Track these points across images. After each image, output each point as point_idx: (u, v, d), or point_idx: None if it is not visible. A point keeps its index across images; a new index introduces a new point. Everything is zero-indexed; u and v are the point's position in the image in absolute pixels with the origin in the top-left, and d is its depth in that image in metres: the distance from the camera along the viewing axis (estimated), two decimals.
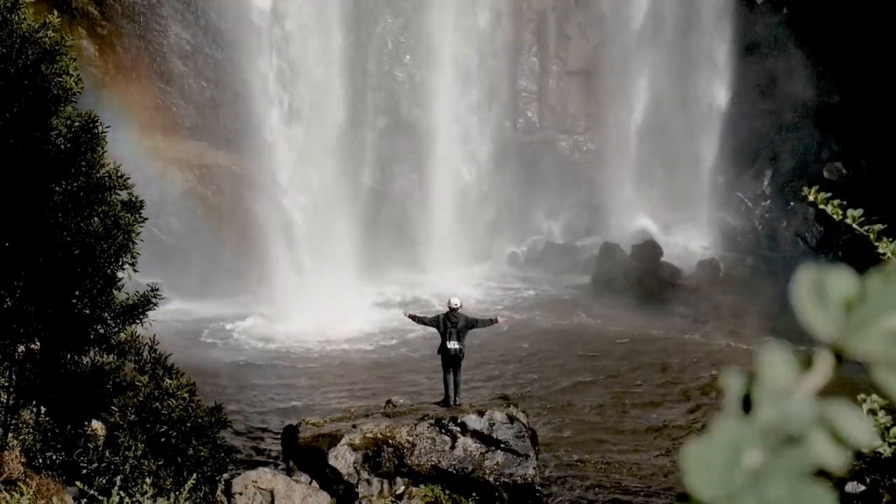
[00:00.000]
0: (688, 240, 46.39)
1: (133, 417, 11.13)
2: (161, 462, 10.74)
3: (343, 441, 17.57)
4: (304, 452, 17.80)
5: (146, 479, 9.81)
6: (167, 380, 11.38)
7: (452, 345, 18.55)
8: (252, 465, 19.31)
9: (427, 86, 45.16)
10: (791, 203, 44.62)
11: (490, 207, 47.10)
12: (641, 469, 21.76)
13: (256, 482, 15.95)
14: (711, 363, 30.63)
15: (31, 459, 11.18)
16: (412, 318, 19.62)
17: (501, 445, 17.91)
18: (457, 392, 19.02)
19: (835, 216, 3.64)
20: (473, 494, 17.39)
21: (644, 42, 48.13)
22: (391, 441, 17.65)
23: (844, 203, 3.68)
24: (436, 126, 44.98)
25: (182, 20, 40.37)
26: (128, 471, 10.28)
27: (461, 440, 17.80)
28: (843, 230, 40.63)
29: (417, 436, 17.75)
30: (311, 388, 28.26)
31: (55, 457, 11.41)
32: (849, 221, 3.60)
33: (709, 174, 47.71)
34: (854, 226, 3.61)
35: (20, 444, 11.29)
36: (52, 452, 11.42)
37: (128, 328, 11.81)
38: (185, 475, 10.09)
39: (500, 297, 40.78)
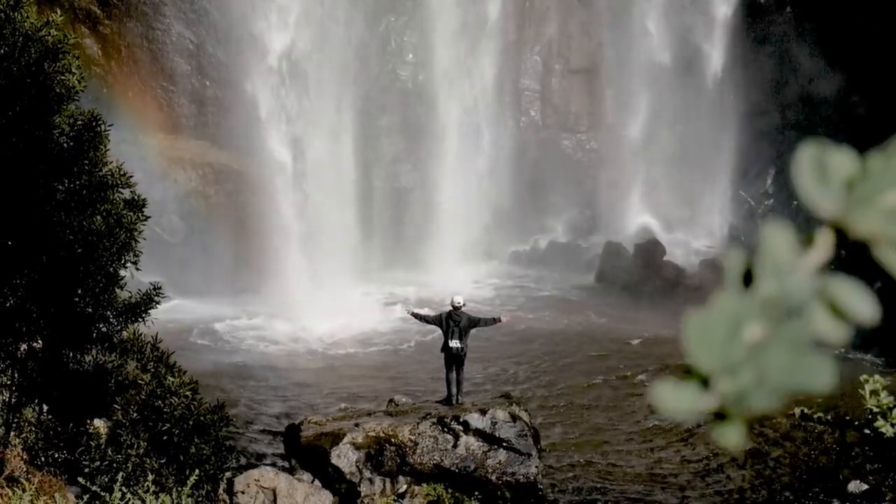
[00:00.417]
0: (691, 239, 46.40)
1: (135, 415, 11.13)
2: (163, 460, 10.74)
3: (345, 440, 17.57)
4: (307, 451, 17.80)
5: (148, 477, 9.82)
6: (169, 378, 11.38)
7: (454, 343, 18.55)
8: (254, 464, 19.32)
9: (430, 85, 45.15)
10: (794, 202, 44.56)
11: (493, 206, 47.09)
12: (646, 469, 21.74)
13: (259, 481, 15.96)
14: None
15: (34, 457, 11.18)
16: (415, 316, 19.63)
17: (504, 444, 17.90)
18: (459, 391, 19.01)
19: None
20: (476, 493, 17.39)
21: (647, 41, 48.10)
22: (393, 440, 17.65)
23: None
24: (439, 125, 44.98)
25: (185, 19, 40.37)
26: (130, 469, 10.28)
27: (463, 439, 17.79)
28: None
29: (420, 435, 17.75)
30: (314, 387, 28.25)
31: (57, 455, 11.41)
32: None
33: (712, 173, 47.68)
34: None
35: (22, 443, 11.29)
36: (55, 451, 11.42)
37: (130, 326, 11.80)
38: (188, 473, 10.09)
39: (504, 296, 40.76)
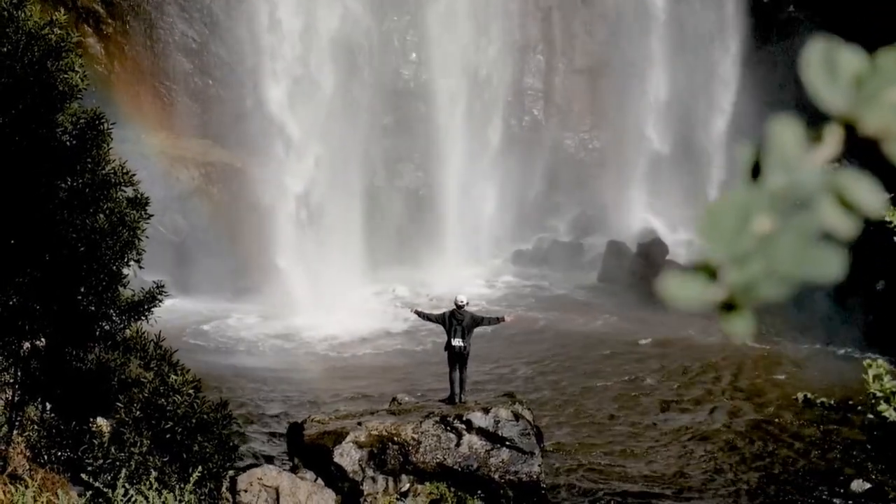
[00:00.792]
0: (693, 238, 46.33)
1: (138, 414, 11.14)
2: (166, 458, 10.74)
3: (348, 438, 17.57)
4: (310, 450, 17.81)
5: (151, 474, 9.83)
6: (172, 376, 11.39)
7: (457, 342, 18.56)
8: (257, 463, 19.33)
9: (433, 84, 45.14)
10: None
11: (496, 206, 47.09)
12: (650, 470, 21.72)
13: (261, 479, 15.97)
14: (719, 362, 30.57)
15: (37, 456, 11.19)
16: (419, 315, 19.66)
17: (507, 443, 17.90)
18: (462, 389, 19.02)
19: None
20: (478, 492, 17.39)
21: (651, 40, 48.09)
22: (396, 438, 17.65)
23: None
24: (442, 124, 44.97)
25: (188, 18, 40.40)
26: (133, 467, 10.29)
27: (466, 438, 17.79)
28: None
29: (423, 433, 17.75)
30: (317, 386, 28.26)
31: (60, 453, 11.42)
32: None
33: (715, 172, 47.65)
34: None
35: (25, 441, 11.30)
36: (58, 449, 11.43)
37: (133, 325, 11.81)
38: (191, 471, 10.10)
39: (507, 296, 40.75)
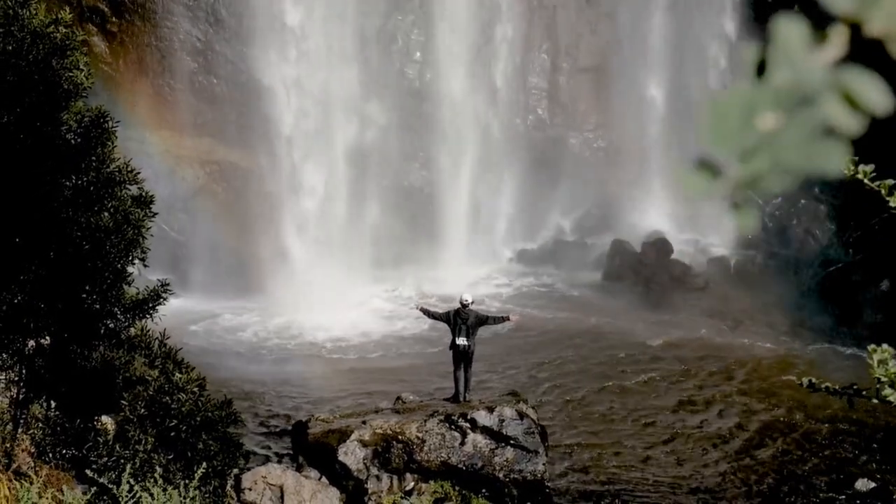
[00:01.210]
0: (698, 237, 46.32)
1: (143, 412, 11.14)
2: (171, 456, 10.75)
3: (353, 437, 17.58)
4: (314, 448, 17.81)
5: (156, 470, 9.84)
6: (177, 374, 11.39)
7: (461, 341, 18.57)
8: (262, 461, 19.34)
9: (437, 83, 45.12)
10: (802, 201, 44.48)
11: (500, 205, 47.06)
12: (655, 469, 21.72)
13: (266, 478, 15.98)
14: (724, 361, 30.56)
15: (41, 453, 11.21)
16: (424, 312, 19.66)
17: (511, 442, 17.90)
18: (467, 388, 19.02)
19: (847, 172, 3.64)
20: (483, 490, 17.39)
21: (656, 39, 48.05)
22: (401, 437, 17.65)
23: (856, 158, 3.69)
24: (446, 123, 44.94)
25: (192, 17, 40.41)
26: (137, 464, 10.29)
27: (471, 436, 17.79)
28: (854, 227, 40.57)
29: (427, 432, 17.76)
30: (322, 385, 28.28)
31: (65, 451, 11.43)
32: (860, 176, 3.60)
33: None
34: (866, 181, 3.62)
35: (30, 439, 11.31)
36: (62, 447, 11.44)
37: (138, 323, 11.82)
38: (195, 469, 10.10)
39: (511, 294, 40.75)
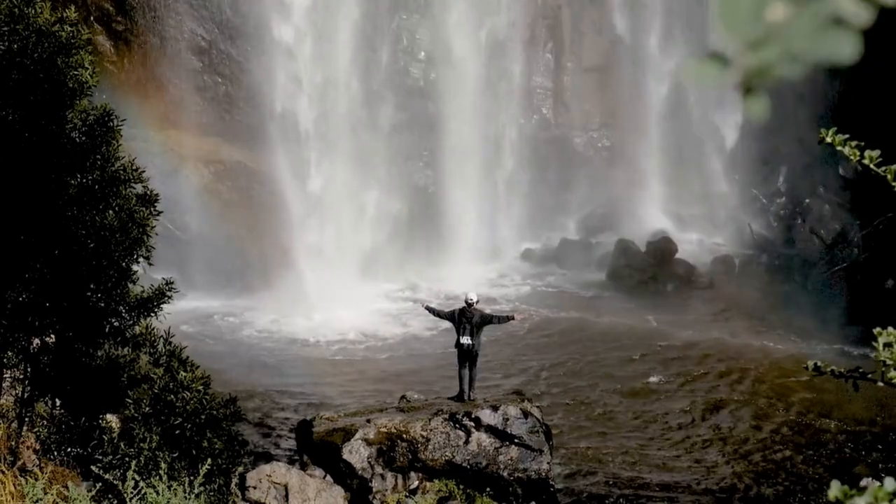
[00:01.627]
0: (703, 237, 46.32)
1: (148, 410, 11.15)
2: (176, 454, 10.76)
3: (357, 436, 17.57)
4: (319, 447, 17.81)
5: (161, 466, 9.86)
6: (182, 372, 11.40)
7: (466, 340, 18.57)
8: (266, 459, 19.35)
9: (442, 82, 45.12)
10: (806, 200, 44.43)
11: (504, 204, 47.06)
12: (659, 468, 21.71)
13: (270, 476, 15.98)
14: (728, 360, 30.54)
15: (46, 451, 11.23)
16: (429, 311, 19.66)
17: (515, 440, 17.89)
18: (471, 387, 19.01)
19: (852, 157, 3.64)
20: (487, 489, 17.39)
21: (660, 38, 48.05)
22: (405, 436, 17.65)
23: (862, 144, 3.70)
24: (451, 123, 44.94)
25: (197, 16, 40.44)
26: (142, 462, 10.31)
27: (475, 435, 17.79)
28: (860, 226, 40.51)
29: (431, 431, 17.75)
30: (326, 383, 28.30)
31: (70, 449, 11.45)
32: (866, 162, 3.60)
33: (724, 171, 47.59)
34: (871, 166, 3.62)
35: (35, 437, 11.34)
36: (67, 445, 11.46)
37: (142, 321, 11.83)
38: (200, 466, 10.11)
39: (515, 294, 40.74)
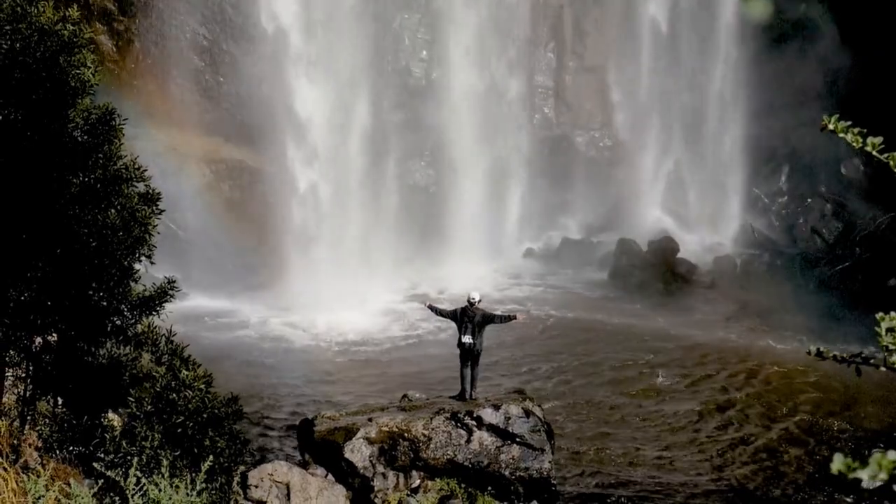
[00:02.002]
0: (704, 236, 46.32)
1: (150, 408, 11.16)
2: (178, 452, 10.77)
3: (359, 435, 17.58)
4: (320, 446, 17.81)
5: (163, 463, 9.87)
6: (184, 371, 11.41)
7: (467, 339, 18.61)
8: (268, 458, 19.37)
9: (443, 82, 45.14)
10: (808, 199, 44.45)
11: (506, 203, 47.08)
12: (661, 467, 21.72)
13: (272, 475, 15.99)
14: (731, 360, 30.55)
15: (48, 450, 11.24)
16: (431, 309, 19.67)
17: (517, 439, 17.90)
18: (473, 386, 19.03)
19: (854, 144, 3.65)
20: (489, 488, 17.40)
21: (661, 38, 48.03)
22: (407, 435, 17.66)
23: (864, 131, 3.70)
24: (452, 122, 44.96)
25: (199, 16, 40.47)
26: (144, 461, 10.32)
27: (477, 434, 17.80)
28: (861, 226, 40.51)
29: (433, 430, 17.76)
30: (328, 382, 28.32)
31: (72, 448, 11.46)
32: (868, 149, 3.61)
33: (726, 170, 47.59)
34: (874, 153, 3.62)
35: (37, 435, 11.35)
36: (69, 443, 11.48)
37: (145, 320, 11.84)
38: (202, 465, 10.13)
39: (517, 293, 40.75)
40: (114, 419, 12.19)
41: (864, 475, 1.63)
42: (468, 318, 18.64)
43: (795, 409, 25.69)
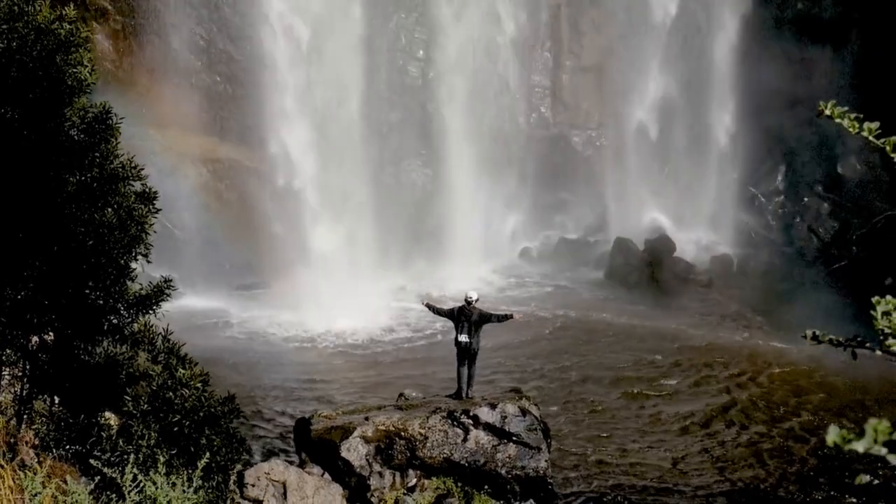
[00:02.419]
0: (701, 235, 46.34)
1: (146, 407, 11.16)
2: (174, 451, 10.77)
3: (355, 433, 17.58)
4: (317, 445, 17.81)
5: (160, 459, 9.88)
6: (180, 370, 11.41)
7: (463, 338, 18.65)
8: (264, 457, 19.37)
9: (440, 81, 45.17)
10: (805, 199, 44.46)
11: (502, 203, 47.10)
12: (656, 465, 21.72)
13: (269, 474, 15.99)
14: (732, 360, 30.55)
15: (45, 448, 11.24)
16: (429, 308, 19.69)
17: (513, 438, 17.91)
18: (469, 385, 19.05)
19: (851, 129, 3.66)
20: (485, 487, 17.41)
21: (658, 37, 48.06)
22: (403, 434, 17.66)
23: (861, 116, 3.71)
24: (448, 121, 44.98)
25: (196, 15, 40.46)
26: (141, 459, 10.32)
27: (473, 433, 17.80)
28: (857, 225, 40.54)
29: (430, 428, 17.77)
30: (324, 381, 28.30)
31: (69, 447, 11.46)
32: (865, 134, 3.62)
33: (723, 170, 47.61)
34: (871, 138, 3.63)
35: (34, 434, 11.34)
36: (66, 442, 11.47)
37: (141, 319, 11.83)
38: (198, 464, 10.13)
39: (513, 292, 40.76)
40: (110, 418, 12.18)
41: (860, 446, 1.64)
42: (465, 318, 18.68)
43: (799, 409, 25.67)
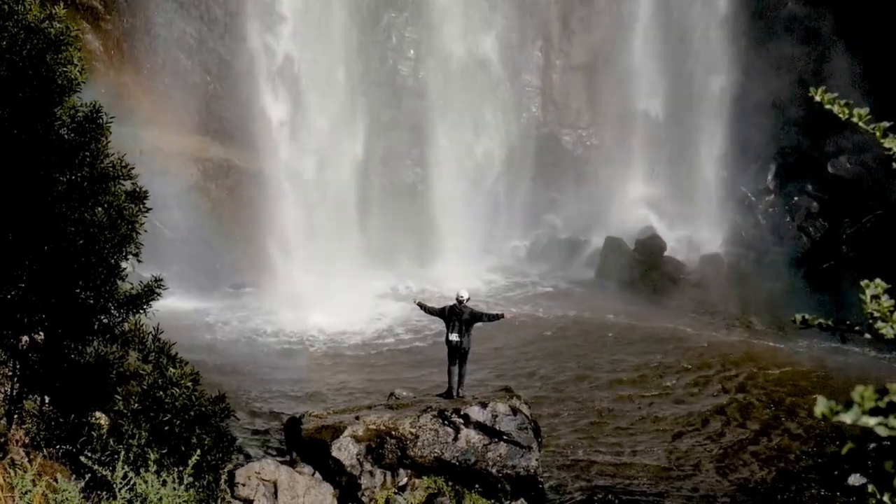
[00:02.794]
0: (692, 234, 46.39)
1: (137, 406, 11.15)
2: (165, 450, 10.77)
3: (346, 433, 17.60)
4: (307, 444, 17.83)
5: (150, 457, 9.88)
6: (171, 369, 11.40)
7: (454, 337, 18.69)
8: (255, 457, 19.37)
9: (431, 80, 45.17)
10: (795, 198, 44.55)
11: (493, 202, 47.11)
12: (650, 465, 21.76)
13: (260, 473, 16.01)
14: (727, 359, 30.58)
15: (35, 448, 11.22)
16: (421, 307, 19.74)
17: (504, 437, 17.94)
18: (460, 384, 19.08)
19: (841, 115, 3.67)
20: (476, 486, 17.44)
21: (648, 36, 48.12)
22: (394, 433, 17.69)
23: (850, 102, 3.73)
24: (440, 121, 44.98)
25: (186, 15, 40.40)
26: (131, 458, 10.32)
27: (464, 432, 17.83)
28: (847, 225, 40.66)
29: (420, 428, 17.79)
30: (315, 381, 28.30)
31: (59, 446, 11.44)
32: (855, 120, 3.63)
33: (713, 169, 47.68)
34: (860, 124, 3.65)
35: (24, 433, 11.33)
36: (56, 441, 11.46)
37: (131, 318, 11.82)
38: (188, 461, 10.14)
39: (504, 292, 40.79)
40: (101, 417, 12.17)
41: (847, 418, 1.67)
42: (456, 317, 18.72)
43: (796, 409, 25.67)
